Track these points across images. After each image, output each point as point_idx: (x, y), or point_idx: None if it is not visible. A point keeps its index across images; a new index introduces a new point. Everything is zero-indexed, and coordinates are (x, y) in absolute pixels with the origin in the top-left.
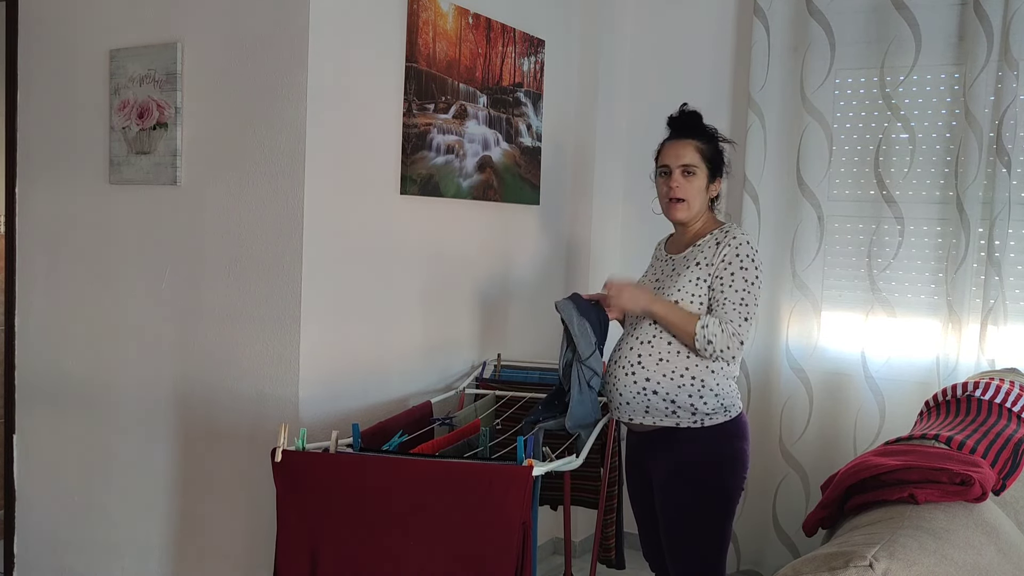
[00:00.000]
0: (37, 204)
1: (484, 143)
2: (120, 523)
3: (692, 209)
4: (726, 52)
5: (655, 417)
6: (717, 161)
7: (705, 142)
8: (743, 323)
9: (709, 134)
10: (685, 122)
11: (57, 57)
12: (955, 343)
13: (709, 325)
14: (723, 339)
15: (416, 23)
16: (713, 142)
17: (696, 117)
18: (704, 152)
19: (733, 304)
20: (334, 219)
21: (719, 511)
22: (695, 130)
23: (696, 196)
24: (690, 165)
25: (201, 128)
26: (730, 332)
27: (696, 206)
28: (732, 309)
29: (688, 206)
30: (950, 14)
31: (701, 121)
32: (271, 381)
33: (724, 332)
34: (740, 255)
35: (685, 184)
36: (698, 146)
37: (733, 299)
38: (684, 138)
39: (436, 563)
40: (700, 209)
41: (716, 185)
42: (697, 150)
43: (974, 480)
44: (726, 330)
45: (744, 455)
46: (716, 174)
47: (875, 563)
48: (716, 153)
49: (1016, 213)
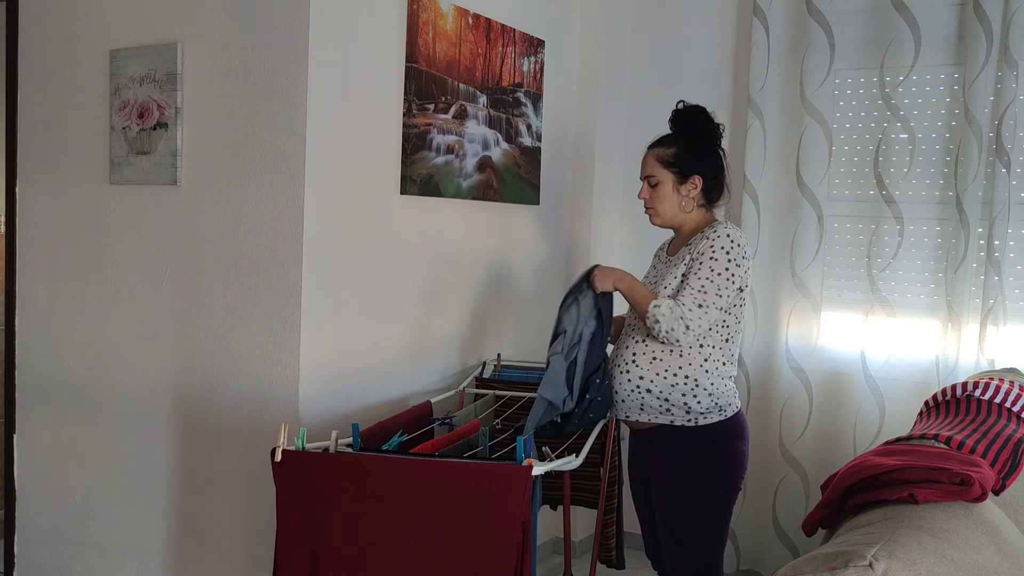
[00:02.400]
0: (37, 204)
1: (484, 143)
2: (120, 523)
3: (664, 216)
4: (726, 52)
5: (650, 414)
6: (687, 160)
7: (669, 146)
8: (695, 308)
9: (677, 135)
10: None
11: (57, 57)
12: (955, 343)
13: (661, 305)
14: (669, 320)
15: (416, 23)
16: (680, 143)
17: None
18: (664, 157)
19: (691, 289)
20: (334, 219)
21: (714, 510)
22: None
23: (663, 202)
24: (650, 176)
25: (201, 128)
26: (677, 314)
27: (666, 212)
28: (688, 294)
29: (656, 213)
30: (950, 14)
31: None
32: (271, 381)
33: (672, 313)
34: (714, 246)
35: (652, 193)
36: (657, 153)
37: (693, 285)
38: (649, 149)
39: (436, 563)
40: (674, 213)
41: (693, 183)
42: (655, 158)
43: (974, 480)
44: (674, 312)
45: (741, 454)
46: (688, 173)
47: (875, 563)
48: (687, 152)
49: (1016, 213)
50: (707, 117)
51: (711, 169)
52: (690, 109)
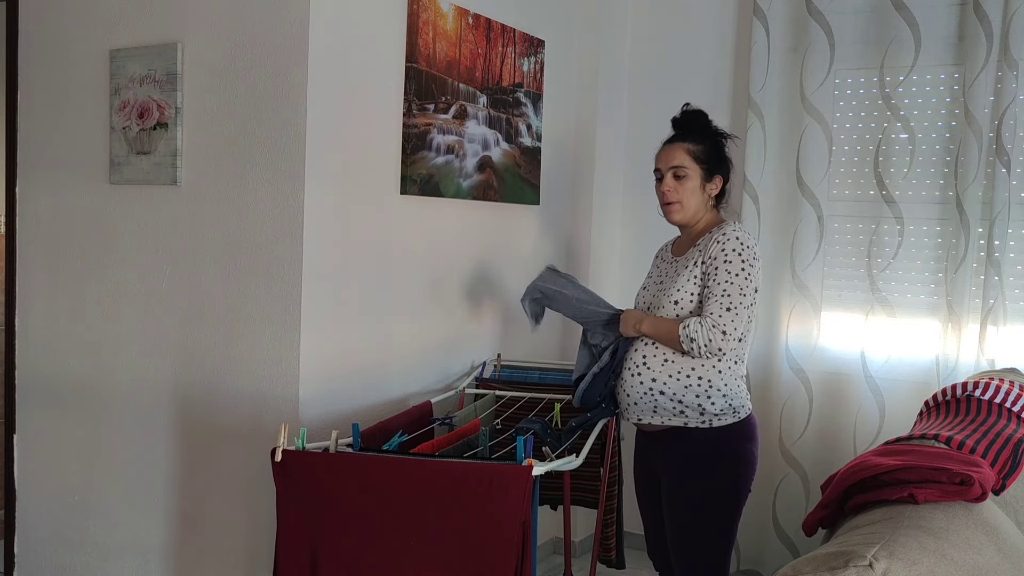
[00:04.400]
0: (37, 204)
1: (484, 143)
2: (120, 523)
3: (687, 210)
4: (726, 52)
5: (663, 417)
6: (713, 159)
7: (697, 142)
8: (724, 313)
9: (703, 133)
10: (681, 123)
11: (57, 57)
12: (955, 343)
13: (690, 324)
14: (703, 333)
15: (416, 23)
16: (707, 140)
17: (693, 117)
18: (695, 152)
19: (715, 296)
20: (334, 219)
21: (725, 511)
22: (690, 131)
23: (689, 197)
24: (679, 167)
25: (201, 128)
26: (709, 324)
27: (691, 207)
28: (713, 301)
29: (682, 207)
30: (950, 14)
31: (700, 120)
32: (271, 381)
33: (703, 326)
34: (725, 249)
35: (677, 186)
36: (688, 148)
37: (715, 291)
38: (675, 141)
39: (436, 563)
40: (697, 209)
41: (716, 183)
42: (687, 152)
43: (974, 480)
44: (705, 323)
45: (752, 456)
46: (713, 172)
47: (875, 563)
48: (713, 151)
49: (1016, 213)
50: (712, 123)
51: (727, 172)
52: (700, 112)
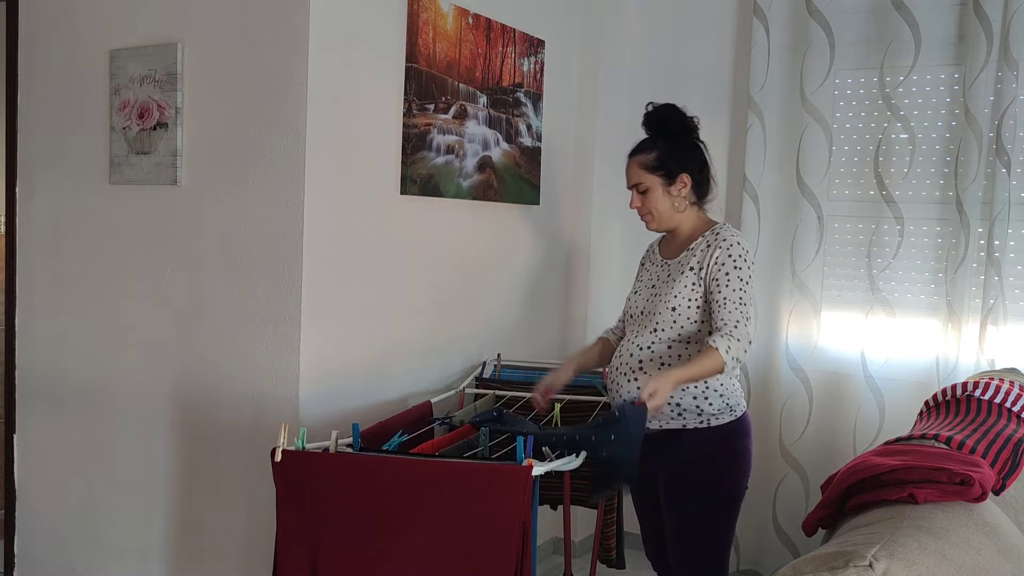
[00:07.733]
0: (37, 204)
1: (484, 143)
2: (120, 523)
3: (661, 218)
4: (726, 52)
5: (661, 420)
6: (670, 161)
7: (648, 150)
8: (747, 323)
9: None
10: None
11: (57, 57)
12: (955, 343)
13: (731, 349)
14: (738, 347)
15: (416, 23)
16: (658, 145)
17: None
18: (646, 163)
19: (733, 304)
20: (334, 219)
21: (724, 510)
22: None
23: (657, 206)
24: (638, 184)
25: (201, 128)
26: (737, 337)
27: (663, 214)
28: (734, 309)
29: (653, 218)
30: (950, 14)
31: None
32: (271, 381)
33: (740, 342)
34: (732, 255)
35: (644, 200)
36: (640, 161)
37: (732, 299)
38: (631, 157)
39: (436, 563)
40: (671, 214)
41: (681, 182)
42: (639, 166)
43: (974, 480)
44: (734, 336)
45: (748, 454)
46: (674, 174)
47: (875, 563)
48: (669, 152)
49: (1016, 213)
50: (679, 114)
51: (696, 165)
52: (660, 109)
